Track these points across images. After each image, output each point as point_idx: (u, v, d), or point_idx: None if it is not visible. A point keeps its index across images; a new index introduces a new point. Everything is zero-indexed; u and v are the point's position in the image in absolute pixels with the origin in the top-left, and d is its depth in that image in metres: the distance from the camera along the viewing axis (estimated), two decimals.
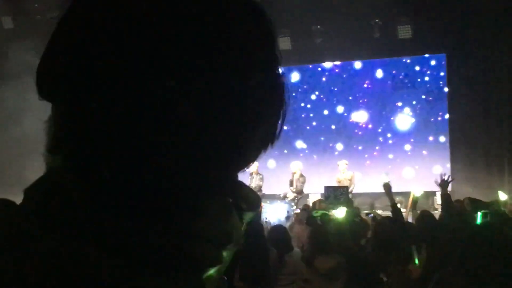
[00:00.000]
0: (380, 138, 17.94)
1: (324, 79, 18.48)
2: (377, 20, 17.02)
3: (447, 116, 17.37)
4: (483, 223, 6.52)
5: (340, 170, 16.08)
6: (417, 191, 9.42)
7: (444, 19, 16.46)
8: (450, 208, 7.02)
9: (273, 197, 15.57)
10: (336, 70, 18.43)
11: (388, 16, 16.89)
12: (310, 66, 18.66)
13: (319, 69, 18.64)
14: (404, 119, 17.77)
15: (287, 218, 10.63)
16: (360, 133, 18.10)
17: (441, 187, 6.99)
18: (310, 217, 9.67)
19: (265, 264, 6.96)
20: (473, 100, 16.69)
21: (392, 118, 17.93)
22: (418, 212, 8.79)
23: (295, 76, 18.72)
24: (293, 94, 18.37)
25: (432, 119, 17.55)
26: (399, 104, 17.88)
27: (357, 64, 18.22)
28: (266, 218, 10.86)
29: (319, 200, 11.46)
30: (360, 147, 18.06)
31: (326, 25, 17.36)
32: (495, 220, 7.12)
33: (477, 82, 16.64)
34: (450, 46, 16.96)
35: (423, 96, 17.71)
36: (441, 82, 17.46)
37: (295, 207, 14.48)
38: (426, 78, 17.64)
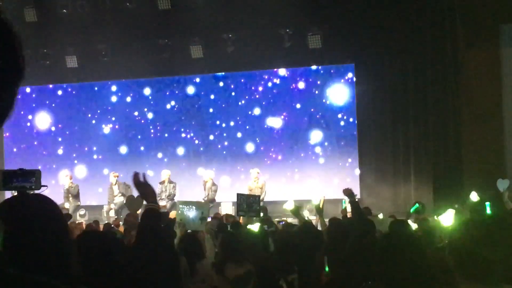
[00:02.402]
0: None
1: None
2: (287, 30, 17.21)
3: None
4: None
5: (252, 178, 16.19)
6: (315, 199, 9.42)
7: (352, 30, 16.85)
8: (360, 214, 7.16)
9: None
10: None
11: (298, 26, 17.11)
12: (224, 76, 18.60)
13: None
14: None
15: (202, 219, 10.55)
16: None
17: (348, 195, 7.12)
18: (221, 224, 9.69)
19: (175, 272, 6.91)
20: (381, 108, 17.11)
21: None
22: (326, 220, 8.91)
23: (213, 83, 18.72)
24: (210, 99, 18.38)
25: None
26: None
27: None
28: (180, 220, 10.73)
29: (227, 215, 11.53)
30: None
31: (238, 34, 17.43)
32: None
33: (384, 91, 17.06)
34: (359, 56, 17.30)
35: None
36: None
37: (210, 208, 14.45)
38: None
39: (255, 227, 8.14)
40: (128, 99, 19.06)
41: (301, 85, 18.13)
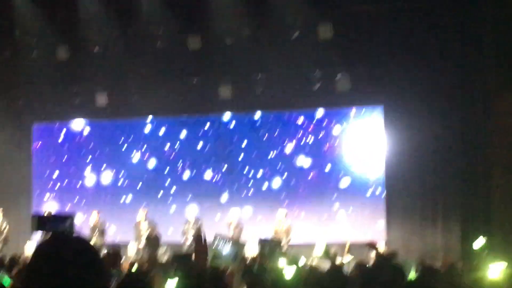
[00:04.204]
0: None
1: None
2: (316, 71, 17.29)
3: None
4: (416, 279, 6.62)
5: (278, 219, 16.16)
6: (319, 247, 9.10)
7: (382, 71, 16.88)
8: (387, 261, 7.11)
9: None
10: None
11: (327, 67, 17.19)
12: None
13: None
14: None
15: (235, 257, 10.50)
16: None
17: (372, 247, 7.12)
18: (247, 266, 9.64)
19: None
20: (410, 151, 16.97)
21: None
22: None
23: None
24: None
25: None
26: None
27: None
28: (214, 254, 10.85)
29: (258, 256, 11.48)
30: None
31: (267, 74, 17.55)
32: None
33: (413, 133, 16.94)
34: (388, 98, 17.25)
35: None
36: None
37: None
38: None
39: (288, 272, 8.06)
40: (161, 132, 19.11)
41: (333, 137, 18.09)
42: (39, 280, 2.30)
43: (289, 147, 18.21)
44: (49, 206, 19.04)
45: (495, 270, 6.89)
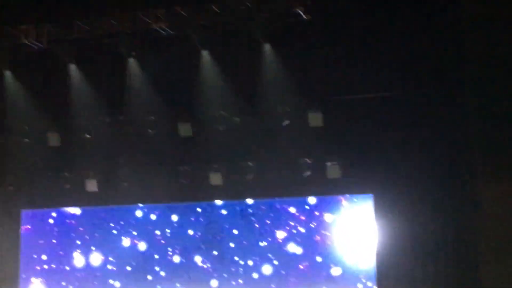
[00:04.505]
0: None
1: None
2: (306, 159, 17.33)
3: None
4: None
5: None
6: None
7: (372, 160, 16.90)
8: None
9: None
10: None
11: (317, 155, 17.22)
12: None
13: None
14: None
15: None
16: None
17: None
18: None
19: None
20: (400, 240, 16.88)
21: None
22: None
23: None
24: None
25: None
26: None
27: None
28: None
29: None
30: None
31: (257, 162, 17.58)
32: None
33: (404, 223, 16.88)
34: (378, 187, 17.21)
35: None
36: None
37: None
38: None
39: None
40: (153, 217, 19.06)
41: (324, 225, 18.01)
42: None
43: (280, 235, 18.09)
44: None
45: None
